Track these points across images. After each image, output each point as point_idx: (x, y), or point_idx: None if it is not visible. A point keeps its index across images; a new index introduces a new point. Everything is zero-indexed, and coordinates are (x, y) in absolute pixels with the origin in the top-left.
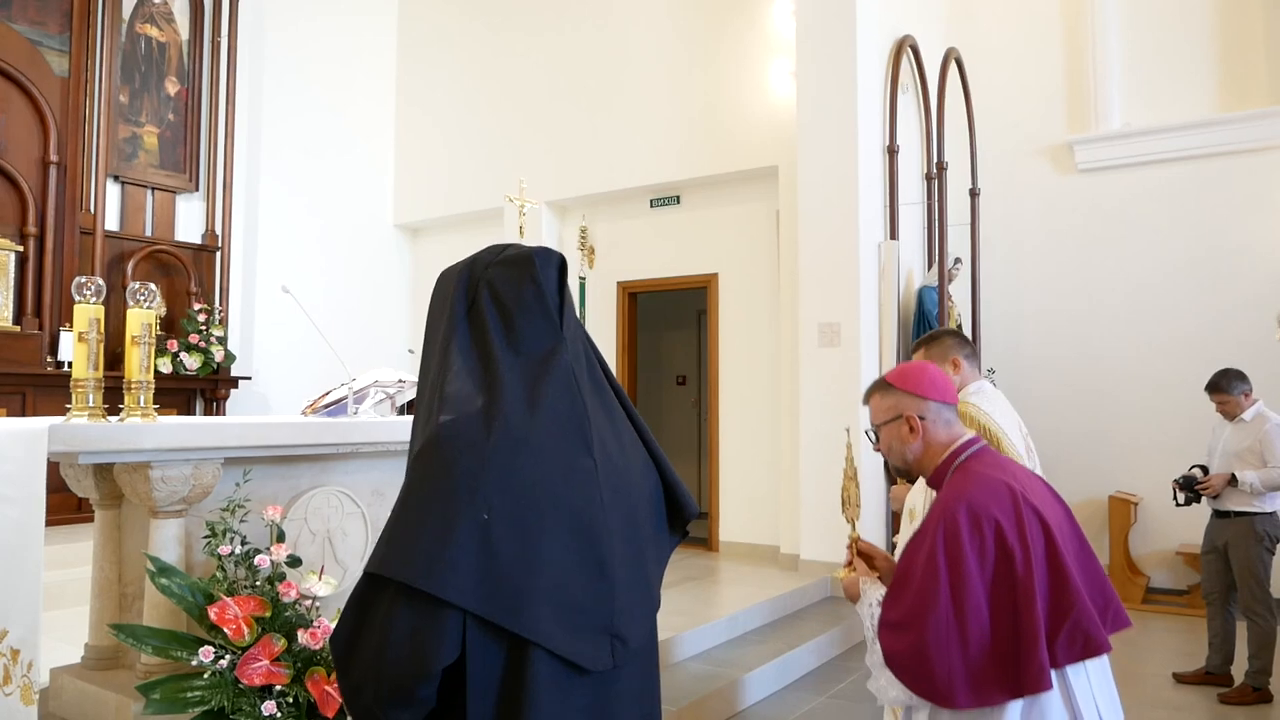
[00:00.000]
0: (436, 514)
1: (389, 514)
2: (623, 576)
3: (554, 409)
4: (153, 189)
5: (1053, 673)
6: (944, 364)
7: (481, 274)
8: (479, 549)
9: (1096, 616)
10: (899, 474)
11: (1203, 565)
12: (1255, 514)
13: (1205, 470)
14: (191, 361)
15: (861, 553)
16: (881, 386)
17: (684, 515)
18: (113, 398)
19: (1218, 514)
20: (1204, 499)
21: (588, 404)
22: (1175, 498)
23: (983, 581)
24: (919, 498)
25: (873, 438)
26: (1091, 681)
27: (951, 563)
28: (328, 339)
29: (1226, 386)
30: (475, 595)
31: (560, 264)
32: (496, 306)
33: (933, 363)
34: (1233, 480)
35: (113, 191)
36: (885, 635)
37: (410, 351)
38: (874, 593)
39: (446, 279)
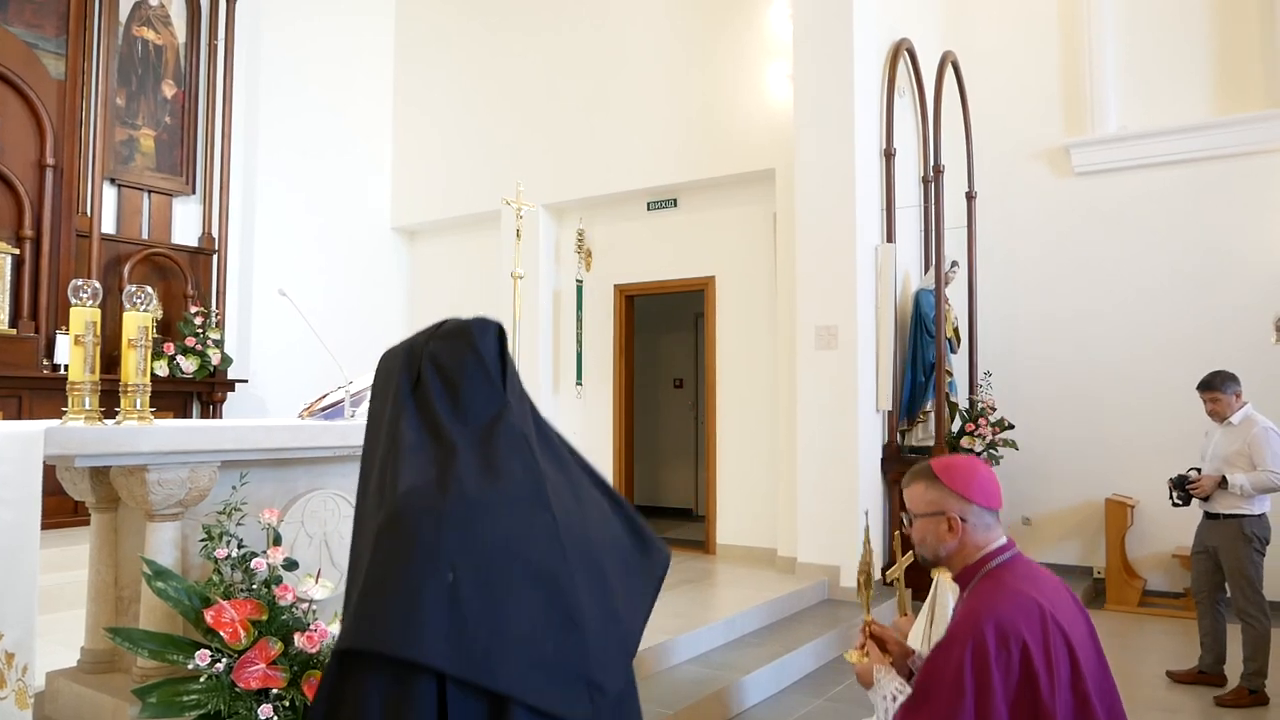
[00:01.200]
0: (401, 581)
1: (349, 590)
2: (594, 626)
3: (507, 469)
4: (149, 192)
5: None
6: (1234, 396)
7: (423, 350)
8: (448, 610)
9: None
10: (924, 563)
11: (1192, 565)
12: (1244, 516)
13: (1199, 473)
14: (188, 364)
15: (874, 636)
16: (928, 477)
17: (657, 557)
18: (109, 401)
19: (1208, 516)
20: (1195, 500)
21: (539, 461)
22: (1170, 496)
23: (1005, 702)
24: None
25: (907, 521)
26: None
27: (978, 682)
28: (325, 342)
29: (1219, 385)
30: (449, 656)
31: (498, 331)
32: (440, 378)
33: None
34: (1223, 483)
35: (109, 194)
36: None
37: None
38: (889, 684)
39: (389, 359)
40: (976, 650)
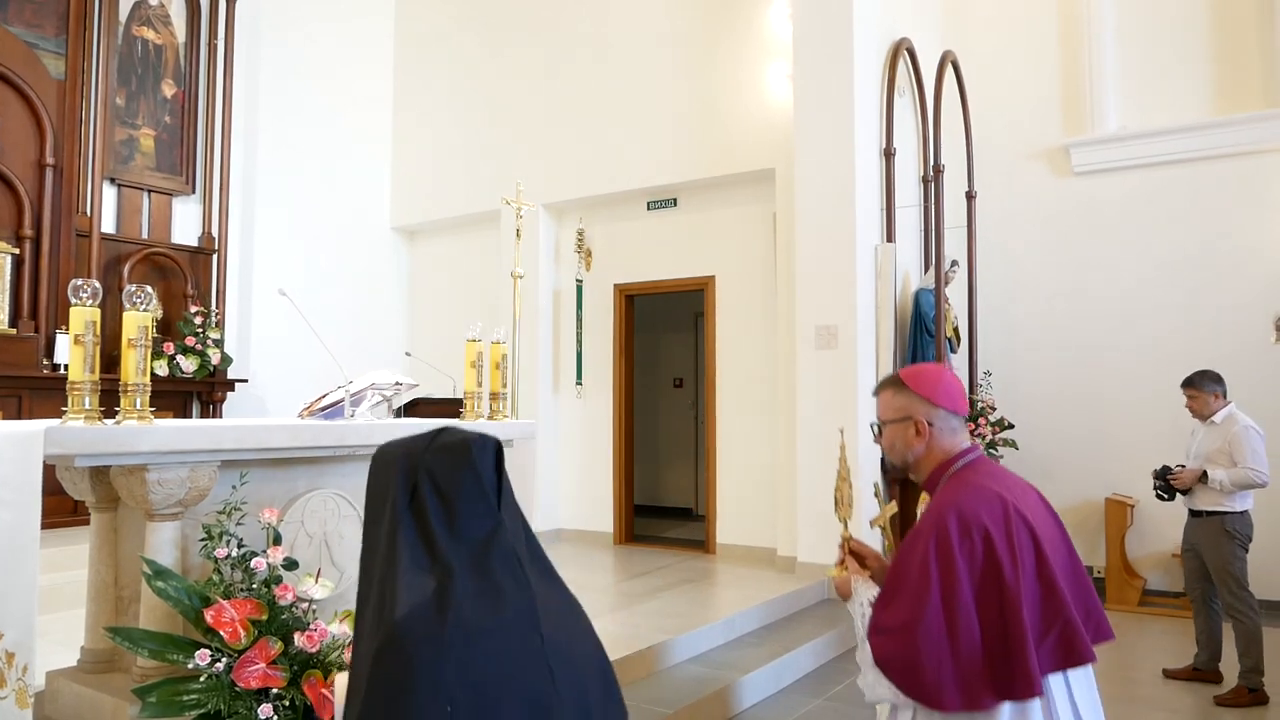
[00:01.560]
0: (401, 713)
1: (349, 704)
2: None
3: (501, 590)
4: (149, 191)
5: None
6: (1213, 395)
7: (420, 461)
8: None
9: (1081, 627)
10: (894, 471)
11: (1183, 564)
12: (1226, 513)
13: (1183, 469)
14: (188, 364)
15: (853, 552)
16: (895, 384)
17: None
18: (109, 400)
19: (1192, 513)
20: (1180, 497)
21: (530, 580)
22: (1154, 487)
23: (971, 588)
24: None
25: (876, 431)
26: (1071, 689)
27: (943, 569)
28: (324, 342)
29: (1198, 382)
30: None
31: (497, 448)
32: (437, 495)
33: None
34: (1204, 478)
35: (109, 194)
36: (876, 639)
37: (408, 354)
38: (866, 592)
39: (385, 464)
40: (940, 540)
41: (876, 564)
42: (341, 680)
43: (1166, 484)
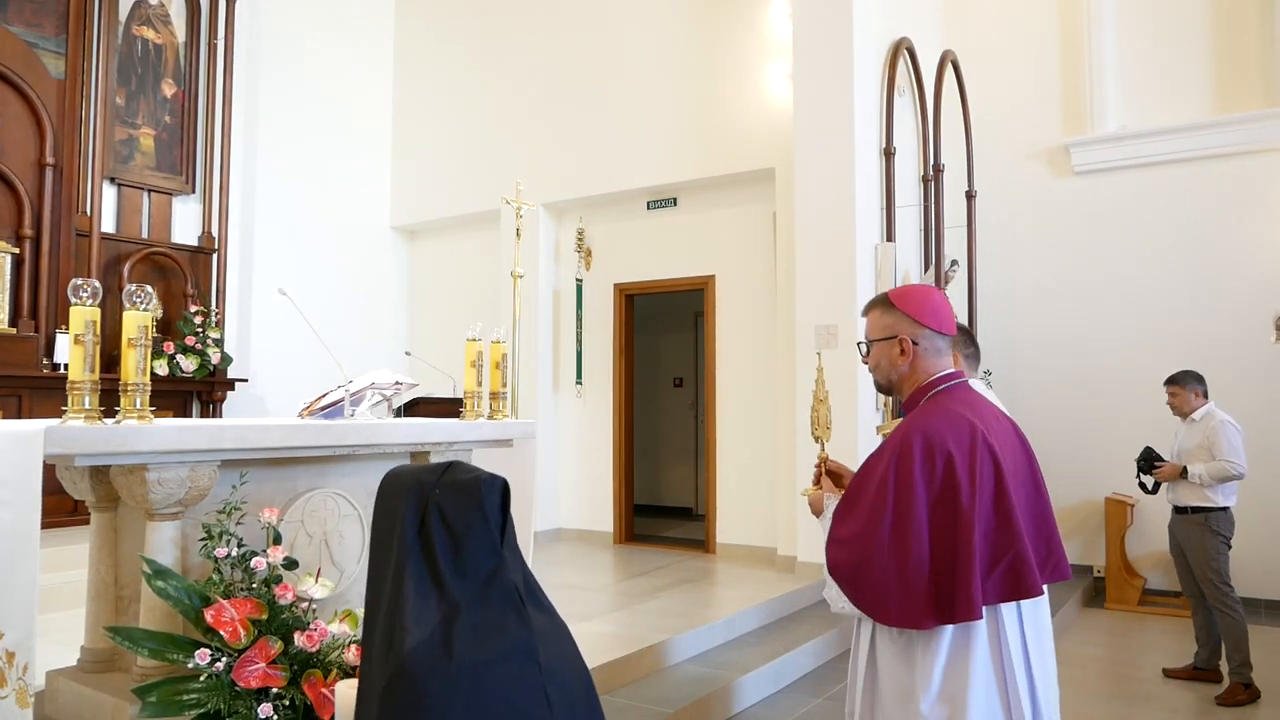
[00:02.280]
0: None
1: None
2: None
3: (502, 624)
4: (149, 191)
5: (984, 608)
6: (1191, 392)
7: (430, 495)
8: None
9: (1033, 561)
10: (879, 389)
11: (1175, 565)
12: (1209, 510)
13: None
14: (188, 364)
15: (830, 472)
16: (883, 303)
17: None
18: (109, 400)
19: (1176, 510)
20: (1163, 492)
21: (529, 612)
22: (1137, 472)
23: (926, 509)
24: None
25: (864, 350)
26: (1023, 622)
27: (900, 487)
28: (324, 341)
29: (1180, 379)
30: None
31: (504, 490)
32: (445, 530)
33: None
34: (1184, 474)
35: (109, 193)
36: (832, 548)
37: (407, 354)
38: (835, 507)
39: (395, 493)
40: (902, 460)
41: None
42: (343, 686)
43: (1149, 464)
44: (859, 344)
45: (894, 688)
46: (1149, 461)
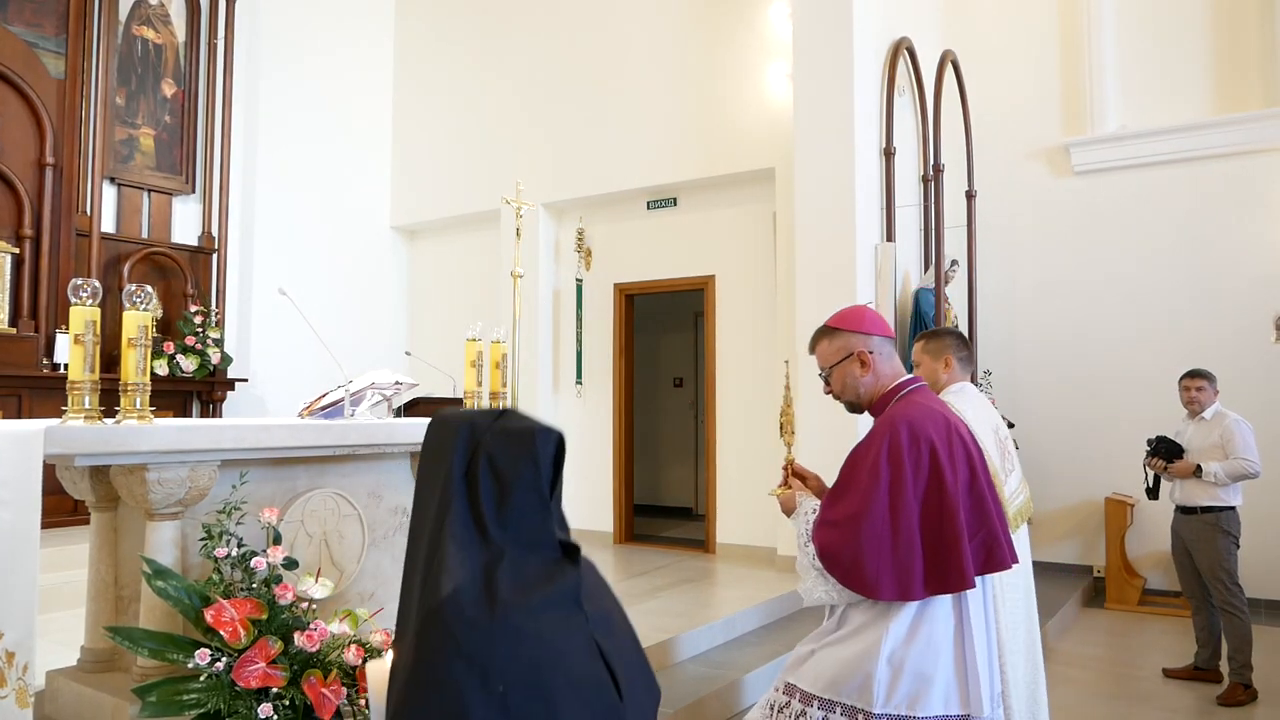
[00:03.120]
0: (451, 697)
1: (391, 693)
2: (631, 713)
3: (547, 575)
4: (149, 191)
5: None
6: (938, 360)
7: (481, 438)
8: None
9: (1004, 538)
10: (852, 409)
11: (1176, 564)
12: (1219, 510)
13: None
14: (188, 363)
15: (796, 474)
16: (827, 332)
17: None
18: (109, 400)
19: (1182, 510)
20: (1167, 494)
21: (576, 567)
22: (1145, 463)
23: (916, 491)
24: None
25: (825, 380)
26: (985, 592)
27: (892, 471)
28: (324, 341)
29: (1206, 374)
30: None
31: (559, 442)
32: (494, 479)
33: (928, 358)
34: (1197, 471)
35: (109, 193)
36: (823, 532)
37: (407, 354)
38: (809, 503)
39: (445, 430)
40: (892, 446)
41: (817, 485)
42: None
43: (1163, 452)
44: (820, 375)
45: (860, 651)
46: (1169, 451)
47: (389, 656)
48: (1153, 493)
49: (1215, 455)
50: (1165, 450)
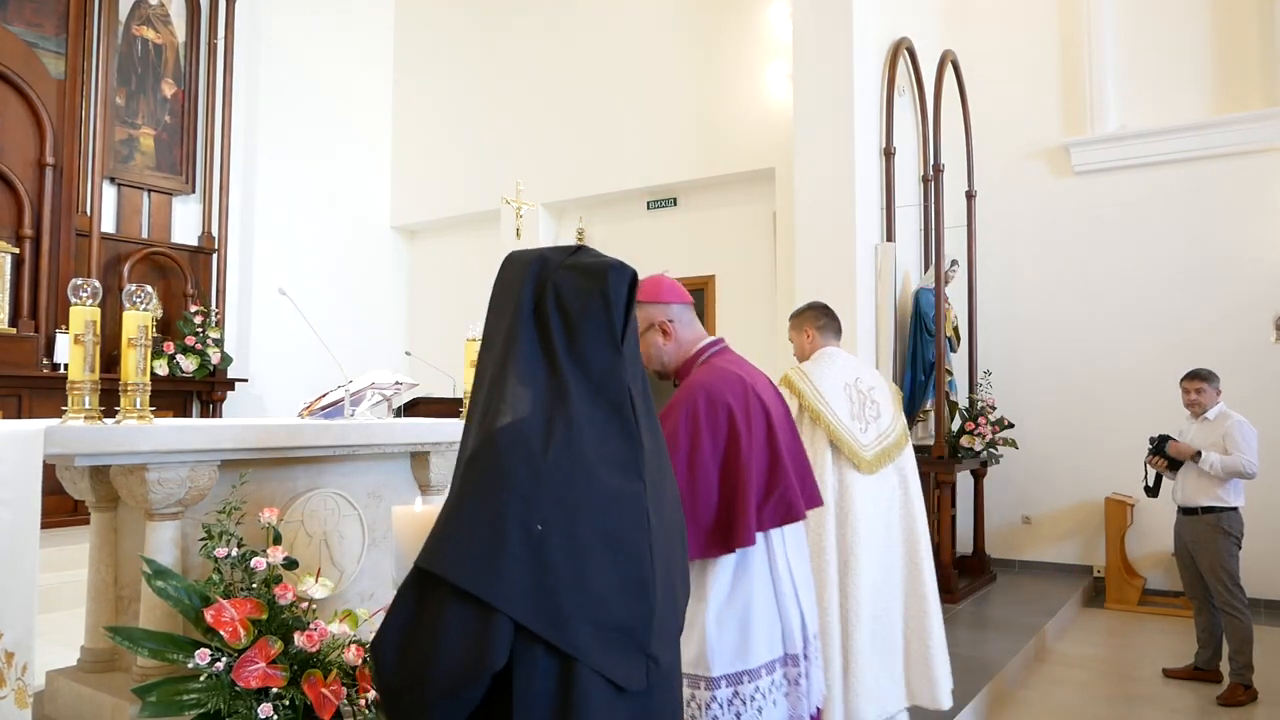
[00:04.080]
0: (491, 520)
1: (441, 508)
2: (660, 598)
3: (608, 429)
4: (149, 191)
5: (759, 534)
6: (800, 333)
7: (552, 274)
8: (531, 560)
9: (799, 491)
10: (660, 378)
11: (1178, 564)
12: (1220, 510)
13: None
14: (188, 364)
15: None
16: None
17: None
18: (109, 400)
19: (1184, 511)
20: (1165, 493)
21: (641, 426)
22: (1146, 461)
23: (715, 456)
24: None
25: None
26: (786, 544)
27: (691, 438)
28: (324, 341)
29: (1207, 376)
30: (524, 606)
31: (632, 281)
32: (561, 314)
33: (793, 332)
34: (1196, 457)
35: (109, 193)
36: None
37: (407, 354)
38: None
39: (515, 266)
40: (690, 414)
41: None
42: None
43: (1161, 450)
44: None
45: (694, 621)
46: (1162, 451)
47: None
48: (1152, 491)
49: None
50: (1157, 444)
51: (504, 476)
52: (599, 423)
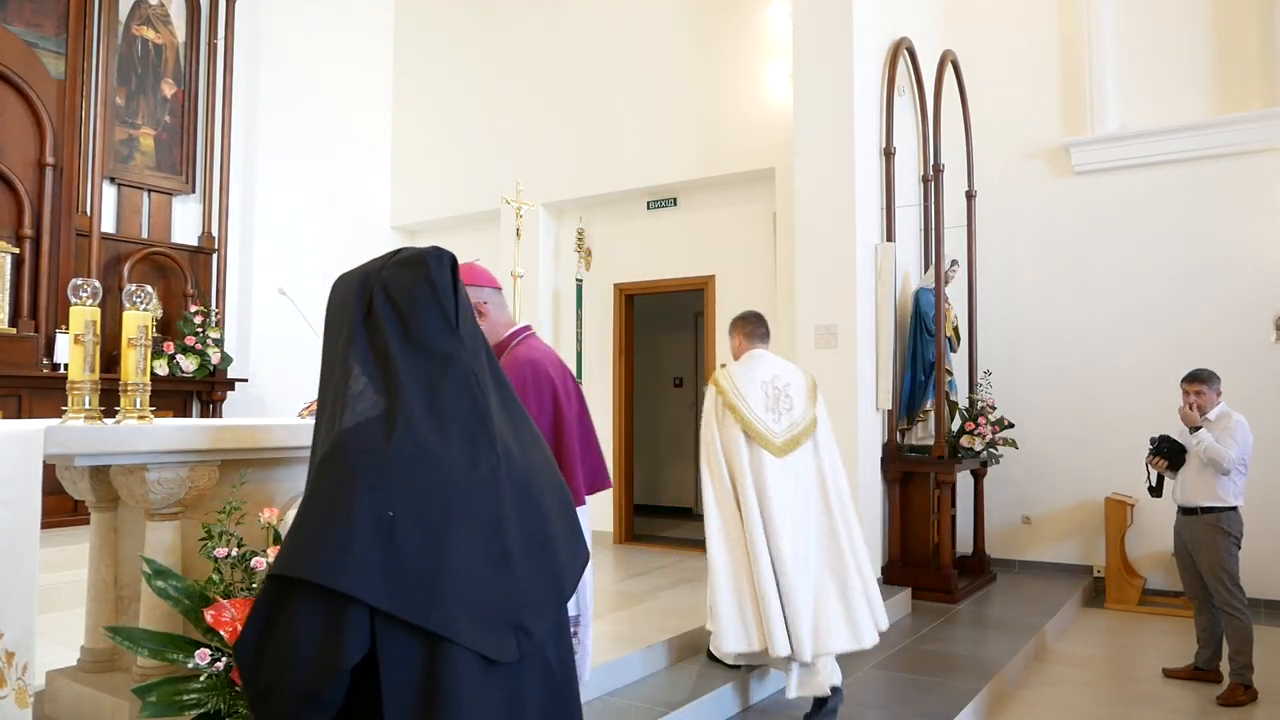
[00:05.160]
0: (339, 514)
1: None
2: (526, 569)
3: (454, 408)
4: (149, 191)
5: None
6: (732, 339)
7: (376, 278)
8: (383, 546)
9: (604, 464)
10: None
11: (1178, 565)
12: (1220, 510)
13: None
14: (188, 363)
15: None
16: None
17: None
18: (109, 400)
19: (1184, 511)
20: (1167, 494)
21: (490, 401)
22: (1151, 452)
23: (542, 424)
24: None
25: None
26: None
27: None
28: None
29: (1206, 378)
30: (380, 591)
31: (453, 264)
32: (392, 308)
33: (730, 338)
34: (1196, 430)
35: (109, 193)
36: None
37: None
38: None
39: (342, 286)
40: (518, 385)
41: None
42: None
43: (1161, 450)
44: None
45: None
46: (1172, 451)
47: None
48: (1155, 491)
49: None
50: (1168, 449)
51: (351, 471)
52: (445, 406)
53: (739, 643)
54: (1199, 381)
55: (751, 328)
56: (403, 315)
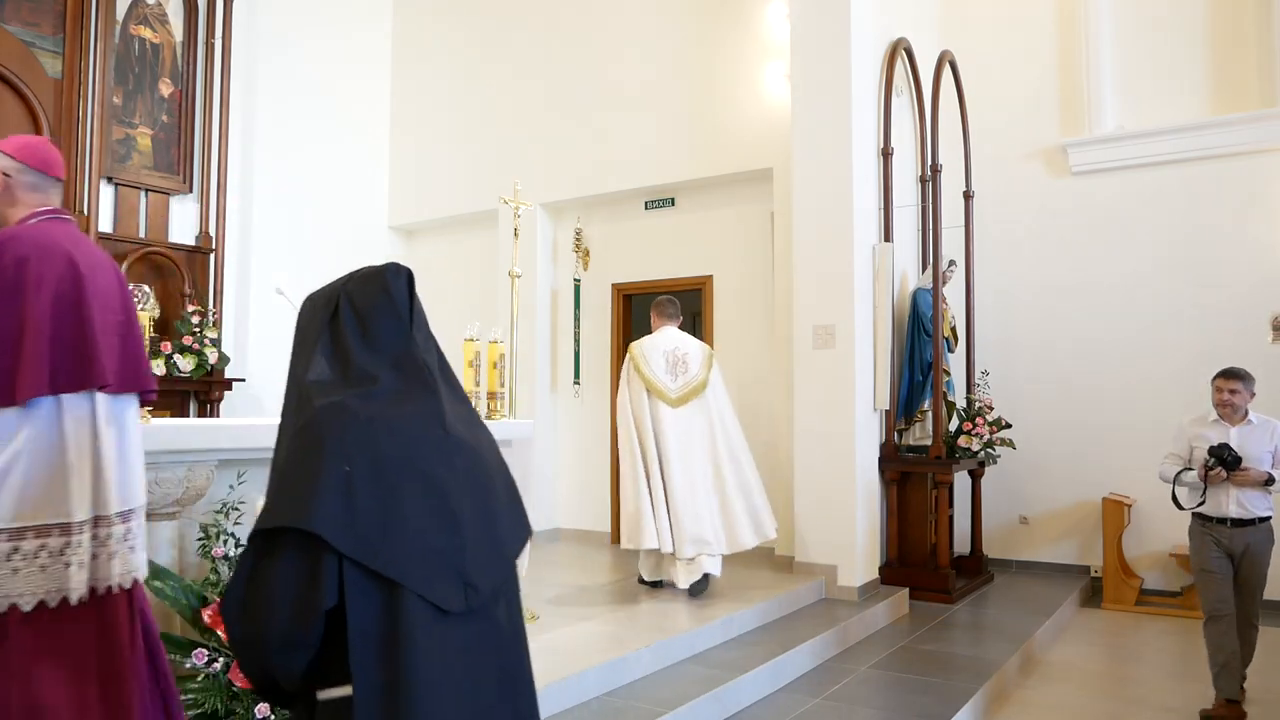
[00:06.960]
0: (309, 473)
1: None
2: (473, 533)
3: (409, 391)
4: (146, 190)
5: (52, 397)
6: (652, 317)
7: (341, 290)
8: (343, 496)
9: (100, 362)
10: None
11: (1212, 579)
12: (1270, 518)
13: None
14: (185, 363)
15: None
16: None
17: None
18: None
19: (1237, 523)
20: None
21: (440, 389)
22: (1207, 466)
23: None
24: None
25: None
26: (97, 412)
27: None
28: None
29: (1243, 375)
30: (340, 535)
31: (408, 277)
32: (354, 314)
33: (651, 314)
34: (1269, 482)
35: (106, 193)
36: None
37: None
38: None
39: (313, 302)
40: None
41: None
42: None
43: (1224, 460)
44: None
45: None
46: (1225, 459)
47: None
48: (1200, 500)
49: (1269, 463)
50: (1230, 458)
51: (318, 437)
52: (400, 389)
53: (650, 541)
54: (1236, 379)
55: (664, 309)
56: (363, 318)
